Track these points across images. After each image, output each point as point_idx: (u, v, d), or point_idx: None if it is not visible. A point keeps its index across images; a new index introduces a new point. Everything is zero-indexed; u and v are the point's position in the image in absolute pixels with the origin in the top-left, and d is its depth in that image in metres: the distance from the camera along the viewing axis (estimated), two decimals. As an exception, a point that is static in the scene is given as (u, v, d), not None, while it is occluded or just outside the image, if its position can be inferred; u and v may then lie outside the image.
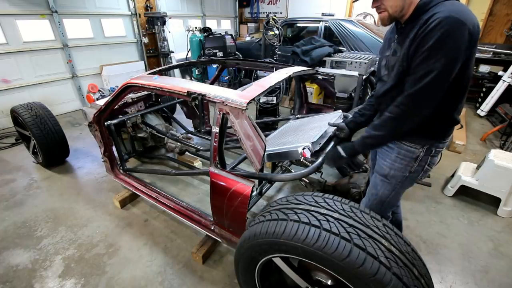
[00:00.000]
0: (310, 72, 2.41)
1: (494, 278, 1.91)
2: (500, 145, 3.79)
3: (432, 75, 1.03)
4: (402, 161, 1.37)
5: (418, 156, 1.32)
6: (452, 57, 1.01)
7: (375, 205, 1.54)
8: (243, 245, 1.29)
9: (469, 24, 0.99)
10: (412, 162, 1.35)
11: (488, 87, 4.98)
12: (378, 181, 1.50)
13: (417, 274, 1.02)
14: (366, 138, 1.32)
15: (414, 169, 1.37)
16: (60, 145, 3.06)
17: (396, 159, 1.38)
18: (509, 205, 2.47)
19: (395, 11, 1.14)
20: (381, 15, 1.20)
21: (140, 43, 6.27)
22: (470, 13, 1.04)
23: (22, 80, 4.54)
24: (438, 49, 1.01)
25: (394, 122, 1.20)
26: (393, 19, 1.19)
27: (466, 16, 1.00)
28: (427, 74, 1.05)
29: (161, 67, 2.90)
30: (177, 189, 2.87)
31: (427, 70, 1.04)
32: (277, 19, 5.21)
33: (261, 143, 1.37)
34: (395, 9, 1.13)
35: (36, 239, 2.23)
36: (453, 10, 1.01)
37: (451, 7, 1.03)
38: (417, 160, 1.34)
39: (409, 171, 1.38)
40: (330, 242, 0.99)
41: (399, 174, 1.40)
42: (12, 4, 4.19)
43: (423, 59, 1.06)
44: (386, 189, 1.48)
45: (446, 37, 0.99)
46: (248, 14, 9.50)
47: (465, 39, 0.99)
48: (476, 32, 1.03)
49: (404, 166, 1.37)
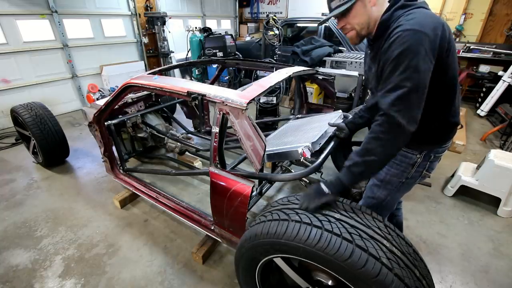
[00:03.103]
0: (310, 72, 2.40)
1: (494, 278, 1.91)
2: (500, 145, 3.79)
3: (404, 89, 0.97)
4: (398, 166, 1.32)
5: (416, 162, 1.28)
6: (416, 67, 0.97)
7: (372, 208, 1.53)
8: (244, 245, 1.28)
9: (428, 31, 0.97)
10: (409, 168, 1.31)
11: (488, 87, 4.99)
12: (374, 185, 1.46)
13: (418, 275, 1.02)
14: (351, 166, 1.11)
15: (411, 175, 1.32)
16: (60, 145, 3.06)
17: (392, 164, 1.34)
18: (509, 205, 2.47)
19: (362, 28, 1.16)
20: (348, 34, 1.21)
21: (140, 43, 6.26)
22: (432, 20, 1.01)
23: (22, 80, 4.54)
24: (401, 63, 0.98)
25: (378, 142, 1.04)
26: (362, 37, 1.20)
27: (426, 24, 0.99)
28: (396, 88, 0.99)
29: (161, 67, 2.89)
30: (177, 189, 2.86)
31: (395, 85, 0.99)
32: (277, 19, 5.21)
33: (261, 143, 1.36)
34: (361, 26, 1.16)
35: (36, 239, 2.23)
36: (411, 21, 1.00)
37: (410, 20, 1.02)
38: (414, 166, 1.29)
39: (406, 177, 1.33)
40: (332, 243, 0.99)
41: (395, 179, 1.36)
42: (12, 4, 4.18)
43: (389, 72, 1.03)
44: (382, 193, 1.44)
45: (406, 50, 0.97)
46: (248, 14, 9.49)
47: (427, 48, 0.97)
48: (442, 35, 1.01)
49: (401, 172, 1.33)
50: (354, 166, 1.10)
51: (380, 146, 1.04)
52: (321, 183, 1.19)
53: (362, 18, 1.14)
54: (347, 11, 1.13)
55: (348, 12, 1.13)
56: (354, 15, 1.14)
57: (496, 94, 4.60)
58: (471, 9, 5.91)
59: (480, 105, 5.03)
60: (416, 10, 1.06)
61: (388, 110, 0.99)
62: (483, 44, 5.65)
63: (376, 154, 1.05)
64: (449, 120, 1.22)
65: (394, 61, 1.00)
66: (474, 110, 5.23)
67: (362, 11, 1.13)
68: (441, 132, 1.25)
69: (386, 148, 1.05)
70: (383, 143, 1.04)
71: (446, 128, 1.25)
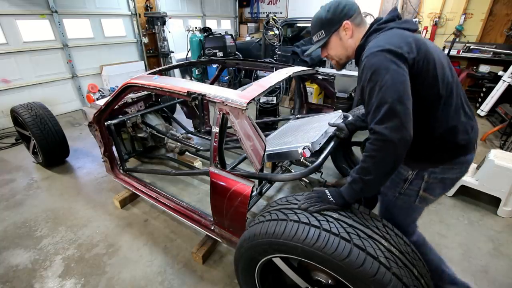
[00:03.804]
0: (310, 72, 2.41)
1: (494, 278, 1.91)
2: (500, 145, 3.79)
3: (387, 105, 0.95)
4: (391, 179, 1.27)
5: (407, 179, 1.26)
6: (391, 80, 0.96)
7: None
8: (243, 245, 1.29)
9: (393, 47, 0.99)
10: (401, 183, 1.28)
11: (488, 87, 4.98)
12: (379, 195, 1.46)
13: (417, 274, 1.02)
14: (352, 183, 1.09)
15: (404, 191, 1.29)
16: (60, 145, 3.06)
17: None
18: (509, 205, 2.47)
19: (340, 58, 1.28)
20: (332, 62, 1.33)
21: (140, 43, 6.27)
22: (400, 37, 1.04)
23: (22, 80, 4.54)
24: (376, 83, 0.99)
25: (372, 160, 1.01)
26: (343, 64, 1.31)
27: (391, 42, 1.02)
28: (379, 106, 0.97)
29: (161, 67, 2.90)
30: (177, 189, 2.87)
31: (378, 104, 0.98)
32: (277, 19, 5.21)
33: (261, 143, 1.37)
34: (339, 56, 1.28)
35: (36, 239, 2.23)
36: (376, 43, 1.04)
37: (376, 42, 1.05)
38: (406, 182, 1.26)
39: (399, 192, 1.30)
40: (330, 242, 1.00)
41: (390, 192, 1.34)
42: (12, 4, 4.19)
43: (369, 96, 1.02)
44: (382, 206, 1.46)
45: (376, 69, 0.99)
46: (248, 14, 9.49)
47: (395, 61, 0.98)
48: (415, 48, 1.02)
49: (393, 185, 1.31)
50: (354, 183, 1.08)
51: (375, 164, 1.01)
52: (326, 190, 1.18)
53: (338, 49, 1.26)
54: (325, 45, 1.27)
55: (326, 45, 1.27)
56: (331, 48, 1.27)
57: (496, 94, 4.60)
58: (471, 9, 5.91)
59: (480, 105, 5.02)
60: (387, 32, 1.10)
61: (377, 129, 0.97)
62: (483, 44, 5.64)
63: (372, 173, 1.02)
64: (445, 138, 1.14)
65: (369, 83, 1.01)
66: (474, 110, 5.21)
67: (338, 44, 1.24)
68: (431, 150, 1.18)
69: (381, 166, 1.01)
70: (377, 161, 1.00)
71: (438, 146, 1.17)
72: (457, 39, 5.89)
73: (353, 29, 1.20)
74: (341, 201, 1.13)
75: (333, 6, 1.20)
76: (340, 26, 1.20)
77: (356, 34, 1.21)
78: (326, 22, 1.22)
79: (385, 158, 0.99)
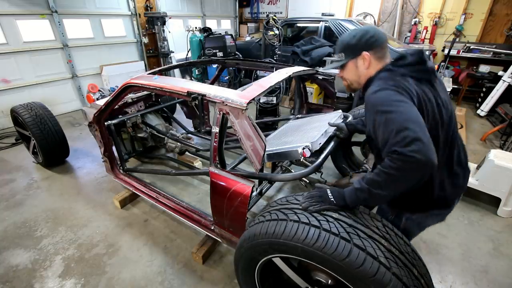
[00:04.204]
0: (310, 72, 2.41)
1: (494, 278, 1.91)
2: (500, 145, 3.79)
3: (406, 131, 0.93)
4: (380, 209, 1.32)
5: (387, 218, 1.30)
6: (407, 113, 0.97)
7: None
8: (243, 245, 1.29)
9: (398, 86, 1.03)
10: (385, 216, 1.32)
11: (488, 87, 4.99)
12: None
13: (416, 274, 1.02)
14: (357, 190, 1.06)
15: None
16: (60, 145, 3.06)
17: None
18: (509, 205, 2.47)
19: (351, 83, 1.32)
20: (343, 83, 1.37)
21: (140, 43, 6.26)
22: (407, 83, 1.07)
23: (22, 80, 4.54)
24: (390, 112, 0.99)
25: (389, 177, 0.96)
26: (353, 89, 1.35)
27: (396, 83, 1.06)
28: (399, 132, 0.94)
29: (161, 67, 2.90)
30: (177, 189, 2.87)
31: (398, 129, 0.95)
32: (277, 19, 5.21)
33: (261, 143, 1.37)
34: (351, 81, 1.32)
35: (36, 239, 2.23)
36: (383, 83, 1.08)
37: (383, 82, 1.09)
38: (388, 220, 1.28)
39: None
40: (330, 242, 0.99)
41: None
42: (12, 4, 4.19)
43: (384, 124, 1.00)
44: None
45: (387, 101, 1.01)
46: (248, 14, 9.49)
47: (402, 92, 1.02)
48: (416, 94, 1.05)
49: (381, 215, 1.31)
50: (360, 191, 1.05)
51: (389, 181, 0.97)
52: (328, 190, 1.17)
53: (352, 75, 1.29)
54: (342, 67, 1.30)
55: (343, 67, 1.30)
56: (347, 71, 1.30)
57: (496, 94, 4.60)
58: (471, 9, 5.91)
59: (480, 105, 5.03)
60: (399, 77, 1.09)
61: (403, 151, 0.91)
62: (483, 44, 5.65)
63: (383, 188, 0.98)
64: (419, 190, 1.15)
65: (383, 114, 1.00)
66: (474, 110, 5.23)
67: (354, 70, 1.27)
68: (407, 198, 1.19)
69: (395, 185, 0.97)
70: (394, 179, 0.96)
71: (412, 196, 1.18)
72: (457, 39, 5.90)
73: (371, 61, 1.20)
74: (342, 203, 1.12)
75: (360, 33, 1.21)
76: (359, 55, 1.21)
77: (373, 66, 1.21)
78: (348, 47, 1.24)
79: (404, 178, 0.95)
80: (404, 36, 6.70)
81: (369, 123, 1.12)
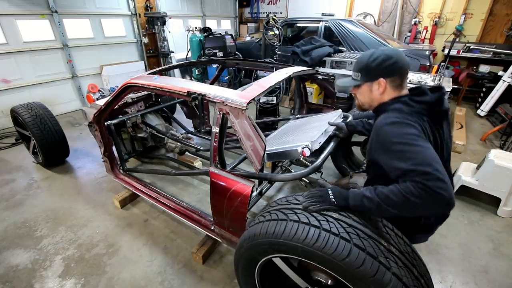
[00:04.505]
0: (310, 72, 2.41)
1: (494, 278, 1.91)
2: (500, 145, 3.79)
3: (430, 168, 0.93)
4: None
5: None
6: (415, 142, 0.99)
7: None
8: (243, 245, 1.29)
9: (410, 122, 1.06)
10: None
11: (488, 87, 4.98)
12: None
13: (416, 274, 1.02)
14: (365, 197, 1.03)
15: None
16: (60, 145, 3.06)
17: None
18: (509, 205, 2.47)
19: (363, 104, 1.34)
20: (356, 102, 1.39)
21: (140, 43, 6.26)
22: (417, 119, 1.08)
23: (22, 80, 4.54)
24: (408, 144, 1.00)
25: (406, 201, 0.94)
26: (364, 109, 1.37)
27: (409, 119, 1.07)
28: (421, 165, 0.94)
29: (161, 67, 2.90)
30: (177, 189, 2.87)
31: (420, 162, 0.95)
32: (277, 19, 5.21)
33: (261, 143, 1.37)
34: (363, 102, 1.33)
35: (36, 239, 2.23)
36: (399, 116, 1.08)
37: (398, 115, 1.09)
38: None
39: None
40: (330, 242, 0.99)
41: None
42: (12, 4, 4.19)
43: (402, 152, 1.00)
44: None
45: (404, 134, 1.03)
46: (248, 14, 9.49)
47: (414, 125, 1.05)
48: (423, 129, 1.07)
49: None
50: (368, 200, 1.02)
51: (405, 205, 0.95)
52: (329, 190, 1.15)
53: (365, 97, 1.29)
54: (357, 87, 1.30)
55: (357, 87, 1.31)
56: (360, 92, 1.31)
57: (496, 94, 4.60)
58: (471, 9, 5.91)
59: (480, 105, 5.03)
60: (416, 114, 1.09)
61: (429, 184, 0.90)
62: (483, 44, 5.64)
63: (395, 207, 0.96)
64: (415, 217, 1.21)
65: (399, 145, 1.01)
66: (474, 110, 5.23)
67: (367, 93, 1.27)
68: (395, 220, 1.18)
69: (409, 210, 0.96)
70: (410, 206, 0.94)
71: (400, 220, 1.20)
72: (457, 39, 5.90)
73: (386, 88, 1.19)
74: (343, 204, 1.10)
75: (382, 58, 1.17)
76: (375, 80, 1.19)
77: (387, 93, 1.20)
78: (365, 69, 1.22)
79: (424, 208, 0.94)
80: (404, 36, 6.70)
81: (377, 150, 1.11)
